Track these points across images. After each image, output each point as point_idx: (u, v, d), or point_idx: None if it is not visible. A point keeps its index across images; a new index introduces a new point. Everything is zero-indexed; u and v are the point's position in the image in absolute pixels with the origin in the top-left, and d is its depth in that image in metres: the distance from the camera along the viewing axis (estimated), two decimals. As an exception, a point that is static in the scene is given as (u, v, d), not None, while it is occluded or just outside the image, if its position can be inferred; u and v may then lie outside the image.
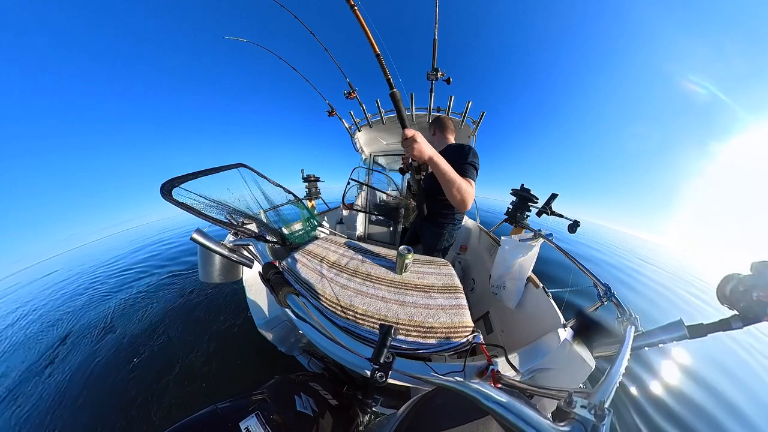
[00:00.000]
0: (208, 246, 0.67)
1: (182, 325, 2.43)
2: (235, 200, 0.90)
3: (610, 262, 9.72)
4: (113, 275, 4.68)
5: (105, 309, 3.16)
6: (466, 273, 2.30)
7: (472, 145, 2.37)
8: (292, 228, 1.39)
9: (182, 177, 0.66)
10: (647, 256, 19.99)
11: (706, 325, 0.64)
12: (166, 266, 4.61)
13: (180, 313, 2.67)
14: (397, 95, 0.84)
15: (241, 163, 1.01)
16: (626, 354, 0.52)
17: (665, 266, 14.21)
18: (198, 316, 2.57)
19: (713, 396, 2.31)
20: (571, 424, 0.30)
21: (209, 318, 2.49)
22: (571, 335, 0.81)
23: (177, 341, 2.20)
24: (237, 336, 2.17)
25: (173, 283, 3.66)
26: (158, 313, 2.76)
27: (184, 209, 0.63)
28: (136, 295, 3.42)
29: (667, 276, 10.47)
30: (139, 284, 3.83)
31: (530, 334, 1.04)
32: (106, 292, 3.79)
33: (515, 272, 1.24)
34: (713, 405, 2.18)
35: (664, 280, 9.29)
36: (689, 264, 22.06)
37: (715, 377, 2.67)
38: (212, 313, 2.57)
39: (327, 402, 0.56)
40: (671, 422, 1.88)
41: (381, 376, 0.40)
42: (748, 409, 2.32)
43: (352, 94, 2.07)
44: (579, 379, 0.76)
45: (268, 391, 0.50)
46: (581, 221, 1.58)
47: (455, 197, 0.96)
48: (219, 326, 2.33)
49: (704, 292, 7.44)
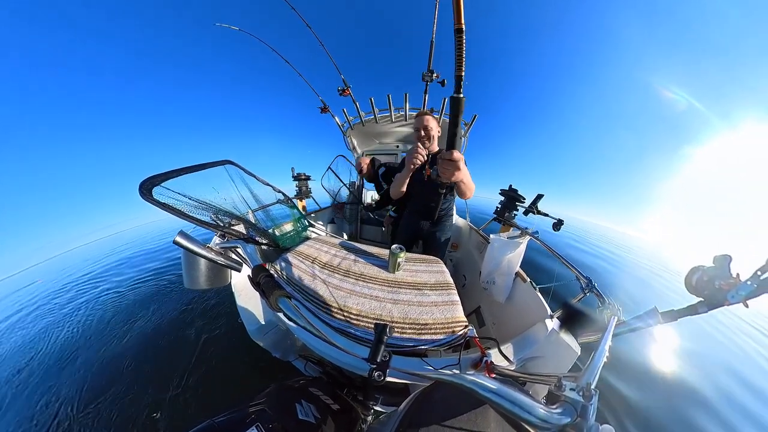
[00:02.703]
0: (192, 249, 0.64)
1: (164, 340, 2.26)
2: (222, 200, 0.86)
3: (591, 254, 10.37)
4: (87, 289, 4.30)
5: (75, 327, 2.86)
6: (458, 270, 2.35)
7: (464, 146, 2.44)
8: (283, 228, 1.35)
9: (163, 174, 0.61)
10: (626, 247, 21.55)
11: (677, 311, 0.70)
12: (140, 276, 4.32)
13: (162, 326, 2.50)
14: (461, 102, 0.61)
15: (227, 160, 0.96)
16: (608, 340, 0.55)
17: (641, 257, 15.43)
18: (182, 325, 2.42)
19: (692, 367, 2.67)
20: (563, 406, 0.31)
21: (196, 327, 2.34)
22: (557, 325, 0.85)
23: (159, 358, 2.03)
24: (227, 345, 2.06)
25: (150, 291, 3.44)
26: (132, 329, 2.54)
27: (166, 210, 0.59)
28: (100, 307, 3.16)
29: (641, 265, 11.36)
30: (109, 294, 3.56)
31: (520, 325, 1.07)
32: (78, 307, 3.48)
33: (504, 268, 1.28)
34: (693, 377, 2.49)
35: (639, 270, 10.05)
36: (663, 256, 24.17)
37: (691, 353, 3.03)
38: (200, 321, 2.43)
39: (329, 407, 0.55)
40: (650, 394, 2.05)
41: (379, 375, 0.40)
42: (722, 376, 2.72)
43: (346, 91, 2.04)
44: (566, 365, 0.80)
45: (266, 401, 0.48)
46: (565, 218, 1.67)
47: (466, 197, 1.22)
48: (209, 335, 2.20)
49: (668, 280, 8.25)
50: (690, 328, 3.42)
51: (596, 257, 9.65)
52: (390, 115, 2.28)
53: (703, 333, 3.83)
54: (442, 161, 0.82)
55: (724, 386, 2.51)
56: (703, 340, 3.63)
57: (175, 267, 4.49)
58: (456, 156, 0.77)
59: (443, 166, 0.83)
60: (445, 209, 1.55)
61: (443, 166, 0.83)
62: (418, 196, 1.55)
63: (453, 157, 0.77)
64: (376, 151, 3.26)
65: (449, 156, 0.77)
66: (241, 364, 1.78)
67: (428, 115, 1.34)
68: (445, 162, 0.81)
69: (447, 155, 0.78)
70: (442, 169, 0.84)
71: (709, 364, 2.94)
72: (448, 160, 0.79)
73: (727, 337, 4.09)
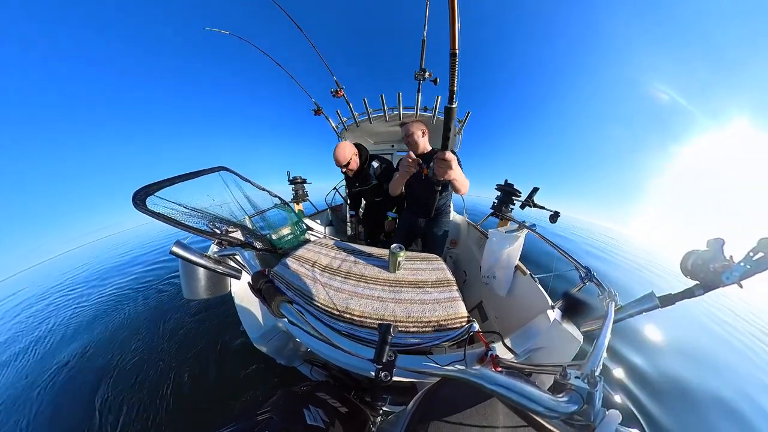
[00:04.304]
0: (190, 259, 0.62)
1: (165, 351, 2.22)
2: (217, 207, 0.85)
3: (587, 248, 10.57)
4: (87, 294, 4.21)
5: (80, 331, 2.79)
6: (458, 266, 2.36)
7: (458, 143, 2.46)
8: (280, 233, 1.34)
9: (157, 184, 0.60)
10: (616, 242, 22.15)
11: (674, 295, 0.71)
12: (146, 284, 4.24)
13: (161, 336, 2.45)
14: (453, 111, 0.69)
15: (221, 166, 0.95)
16: (609, 326, 0.56)
17: (630, 251, 15.90)
18: (182, 337, 2.38)
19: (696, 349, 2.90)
20: (569, 395, 0.32)
21: (196, 338, 2.31)
22: (559, 315, 0.86)
23: (160, 369, 1.99)
24: (231, 353, 2.03)
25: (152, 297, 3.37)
26: (133, 339, 2.51)
27: (161, 220, 0.58)
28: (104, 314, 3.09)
29: (630, 258, 11.66)
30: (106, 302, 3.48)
31: (522, 317, 1.08)
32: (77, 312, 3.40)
33: (504, 262, 1.29)
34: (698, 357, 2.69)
35: (629, 262, 10.32)
36: (651, 249, 24.93)
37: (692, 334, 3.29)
38: (199, 331, 2.39)
39: (337, 410, 0.55)
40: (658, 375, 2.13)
41: (386, 375, 0.39)
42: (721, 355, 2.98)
43: (339, 92, 2.04)
44: (570, 354, 0.81)
45: (273, 409, 0.47)
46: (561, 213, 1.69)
47: (461, 192, 1.29)
48: (207, 346, 2.16)
49: (655, 273, 8.67)
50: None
51: (590, 251, 9.86)
52: (384, 115, 2.29)
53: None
54: (436, 160, 0.90)
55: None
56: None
57: (165, 272, 4.44)
58: (448, 156, 0.86)
59: (437, 165, 0.91)
60: (442, 205, 1.59)
61: (437, 165, 0.91)
62: (415, 193, 1.60)
63: (446, 157, 0.86)
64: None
65: (442, 156, 0.86)
66: (245, 373, 1.75)
67: (408, 124, 1.45)
68: (439, 161, 0.89)
69: (441, 155, 0.86)
70: (436, 168, 0.92)
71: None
72: (442, 159, 0.87)
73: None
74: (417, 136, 1.41)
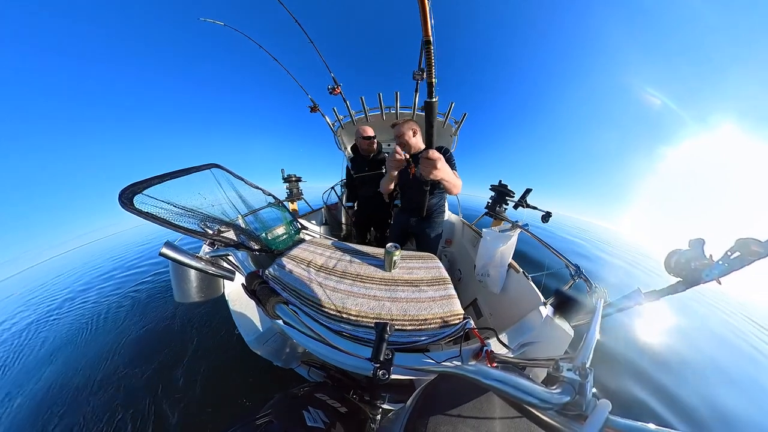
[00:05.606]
0: (180, 260, 0.60)
1: (158, 357, 2.14)
2: (209, 206, 0.82)
3: (577, 247, 10.94)
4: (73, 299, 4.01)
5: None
6: (453, 264, 2.39)
7: (454, 144, 2.49)
8: (275, 232, 1.32)
9: (145, 182, 0.58)
10: (606, 239, 23.08)
11: (659, 291, 0.75)
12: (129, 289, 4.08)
13: (152, 340, 2.37)
14: (434, 106, 0.68)
15: (213, 164, 0.92)
16: (598, 321, 0.59)
17: (619, 249, 16.60)
18: (173, 341, 2.30)
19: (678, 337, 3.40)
20: (562, 386, 0.33)
21: (191, 340, 2.24)
22: (551, 311, 0.88)
23: (153, 376, 1.92)
24: (226, 357, 1.97)
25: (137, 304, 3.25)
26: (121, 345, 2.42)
27: (149, 219, 0.56)
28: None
29: (619, 255, 12.15)
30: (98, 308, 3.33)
31: (516, 314, 1.11)
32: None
33: (497, 260, 1.32)
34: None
35: (618, 259, 10.75)
36: (638, 247, 26.25)
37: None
38: (195, 334, 2.32)
39: (336, 411, 0.54)
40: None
41: (384, 373, 0.40)
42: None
43: (336, 89, 2.00)
44: (562, 348, 0.83)
45: (272, 412, 0.46)
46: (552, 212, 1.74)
47: (453, 193, 1.22)
48: (205, 348, 2.11)
49: (644, 269, 9.13)
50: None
51: (580, 249, 10.23)
52: (381, 113, 2.28)
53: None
54: (421, 159, 0.89)
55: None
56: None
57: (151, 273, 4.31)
58: (432, 155, 0.84)
59: (423, 165, 0.90)
60: (436, 205, 1.57)
61: (423, 164, 0.89)
62: (406, 193, 1.60)
63: (429, 156, 0.84)
64: None
65: (427, 155, 0.84)
66: (242, 376, 1.71)
67: (398, 125, 1.45)
68: (424, 161, 0.88)
69: (425, 154, 0.85)
70: (422, 168, 0.91)
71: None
72: (426, 158, 0.86)
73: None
74: (408, 136, 1.39)
